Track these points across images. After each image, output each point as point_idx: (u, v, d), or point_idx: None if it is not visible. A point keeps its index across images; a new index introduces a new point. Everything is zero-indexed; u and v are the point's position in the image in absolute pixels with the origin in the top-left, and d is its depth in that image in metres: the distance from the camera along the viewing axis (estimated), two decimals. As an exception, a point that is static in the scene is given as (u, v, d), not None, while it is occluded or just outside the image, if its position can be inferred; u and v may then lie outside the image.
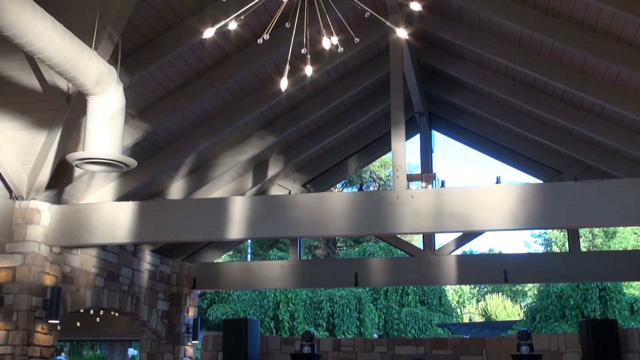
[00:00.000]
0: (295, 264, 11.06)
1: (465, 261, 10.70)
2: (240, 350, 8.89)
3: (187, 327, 11.33)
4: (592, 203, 6.95)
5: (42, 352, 7.91)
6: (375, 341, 10.31)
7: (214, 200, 8.18)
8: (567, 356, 9.03)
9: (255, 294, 20.50)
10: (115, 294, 9.62)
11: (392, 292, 22.78)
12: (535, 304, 20.10)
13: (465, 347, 9.68)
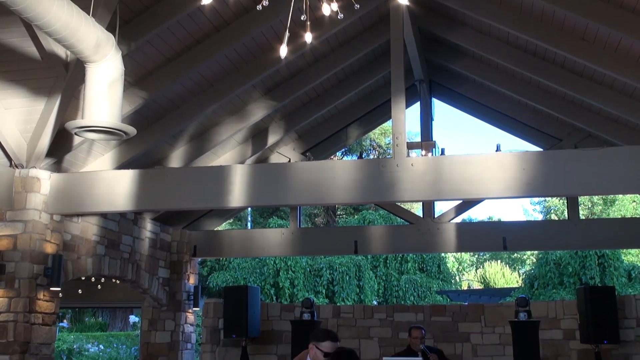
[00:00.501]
0: (295, 232, 11.10)
1: (465, 229, 10.74)
2: (240, 317, 8.96)
3: (187, 295, 11.41)
4: (592, 171, 6.95)
5: (44, 319, 7.98)
6: (375, 308, 10.39)
7: (214, 169, 8.18)
8: (565, 322, 9.11)
9: (256, 261, 20.61)
10: (116, 262, 9.66)
11: (392, 259, 22.90)
12: (534, 271, 20.23)
13: (464, 314, 9.75)
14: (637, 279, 18.92)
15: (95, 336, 21.33)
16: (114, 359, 19.14)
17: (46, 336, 8.00)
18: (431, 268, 23.80)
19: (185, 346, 11.31)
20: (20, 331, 7.61)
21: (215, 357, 9.40)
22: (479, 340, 9.55)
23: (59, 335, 19.40)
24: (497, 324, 9.50)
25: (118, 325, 24.97)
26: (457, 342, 9.56)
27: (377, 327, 9.85)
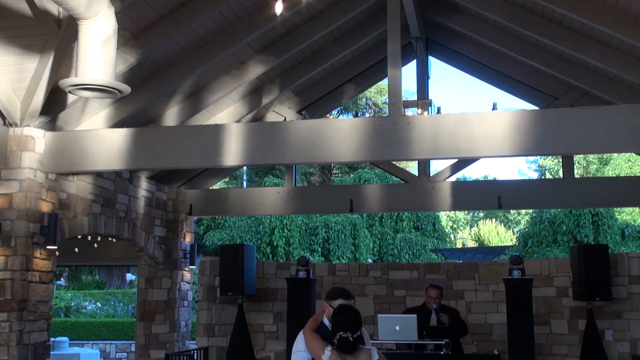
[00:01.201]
0: (290, 191, 11.11)
1: (460, 187, 10.76)
2: (236, 274, 9.02)
3: (184, 253, 11.48)
4: (588, 129, 6.94)
5: (42, 277, 8.02)
6: (370, 266, 10.46)
7: (209, 127, 8.14)
8: (558, 280, 9.19)
9: (251, 220, 20.69)
10: (112, 220, 9.68)
11: (387, 218, 23.00)
12: (528, 229, 20.37)
13: (458, 272, 9.83)
14: (630, 237, 19.09)
15: (93, 294, 21.51)
16: (111, 316, 19.32)
17: (43, 294, 8.05)
18: (426, 226, 23.93)
19: (182, 304, 11.42)
20: (18, 289, 7.66)
21: (211, 314, 9.49)
22: (473, 297, 9.65)
23: (56, 293, 19.56)
24: (491, 282, 9.58)
25: (115, 283, 25.15)
26: (451, 300, 9.65)
27: (372, 285, 9.93)
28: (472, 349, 9.26)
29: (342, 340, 4.15)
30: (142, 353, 11.23)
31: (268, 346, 9.68)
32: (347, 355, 4.16)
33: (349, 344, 4.15)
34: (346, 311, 4.27)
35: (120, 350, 16.22)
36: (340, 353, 4.16)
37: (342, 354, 4.16)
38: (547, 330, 9.11)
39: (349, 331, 4.15)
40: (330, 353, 4.21)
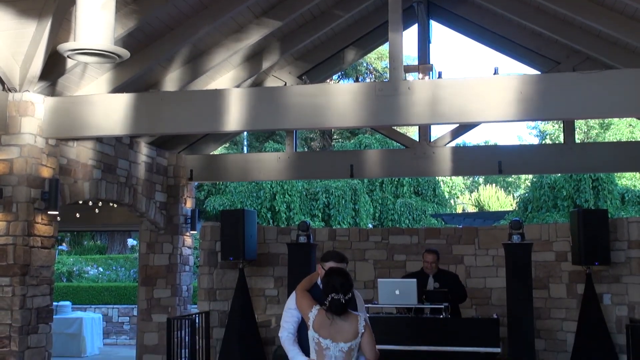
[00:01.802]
0: (291, 156, 11.10)
1: (460, 153, 10.75)
2: (237, 239, 9.05)
3: (185, 218, 11.51)
4: (590, 94, 6.91)
5: (43, 242, 8.06)
6: (370, 231, 10.50)
7: (210, 92, 8.10)
8: (557, 245, 9.23)
9: (252, 185, 20.70)
10: (112, 186, 9.69)
11: (387, 183, 23.02)
12: (528, 194, 20.41)
13: (458, 237, 9.87)
14: (630, 202, 19.13)
15: (94, 259, 21.63)
16: (113, 280, 19.45)
17: (46, 259, 8.10)
18: (426, 192, 23.97)
19: (183, 268, 11.49)
20: (20, 254, 7.70)
21: (212, 279, 9.56)
22: (473, 262, 9.70)
23: (58, 258, 19.67)
24: (490, 247, 9.63)
25: (116, 248, 25.28)
26: (451, 264, 9.71)
27: (372, 250, 9.98)
28: (471, 313, 9.34)
29: (333, 301, 4.23)
30: (144, 317, 11.33)
31: (269, 310, 9.77)
32: (336, 316, 4.22)
33: (340, 305, 4.23)
34: (337, 274, 4.35)
35: (123, 314, 16.37)
36: (330, 314, 4.23)
37: (331, 315, 4.23)
38: (546, 294, 9.18)
39: (341, 293, 4.23)
40: (317, 312, 4.30)
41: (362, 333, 4.26)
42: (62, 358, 12.22)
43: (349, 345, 4.23)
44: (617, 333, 8.28)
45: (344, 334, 4.23)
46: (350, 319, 4.27)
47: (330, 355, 4.24)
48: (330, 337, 4.24)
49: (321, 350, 4.27)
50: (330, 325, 4.24)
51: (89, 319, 13.99)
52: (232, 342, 8.83)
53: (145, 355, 11.24)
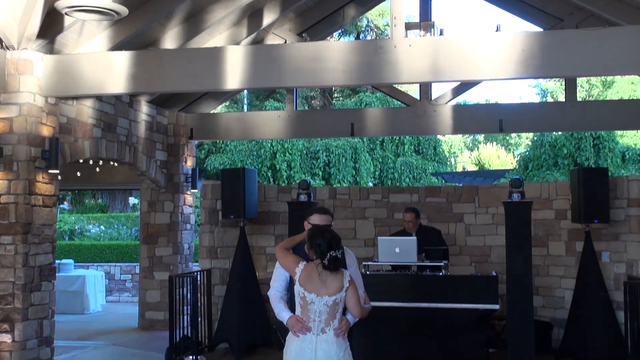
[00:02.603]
0: (291, 115, 11.07)
1: (461, 111, 10.70)
2: (238, 198, 9.07)
3: (185, 177, 11.53)
4: (592, 51, 6.85)
5: (45, 201, 8.08)
6: (370, 189, 10.51)
7: (209, 50, 8.04)
8: (557, 203, 9.25)
9: (252, 144, 20.67)
10: (113, 145, 9.69)
11: (388, 141, 22.98)
12: (529, 153, 20.39)
13: (458, 195, 9.89)
14: (630, 160, 19.13)
15: (96, 217, 21.72)
16: (114, 239, 19.56)
17: (47, 217, 8.13)
18: (427, 150, 23.94)
19: (185, 227, 11.55)
20: (22, 212, 7.73)
21: (214, 237, 9.60)
22: (473, 220, 9.74)
23: (60, 217, 19.75)
24: (490, 205, 9.65)
25: (118, 207, 25.37)
26: (450, 222, 9.75)
27: (372, 208, 10.01)
28: (470, 271, 9.41)
29: (332, 258, 4.28)
30: (146, 275, 11.44)
31: (269, 267, 9.84)
32: (327, 272, 4.29)
33: (340, 261, 4.30)
34: (327, 231, 4.38)
35: (125, 272, 16.49)
36: (325, 270, 4.29)
37: (325, 272, 4.29)
38: (545, 252, 9.23)
39: (338, 250, 4.29)
40: (304, 267, 4.36)
41: (347, 287, 4.30)
42: (65, 315, 12.35)
43: (334, 299, 4.28)
44: (614, 290, 8.35)
45: (329, 288, 4.28)
46: (337, 273, 4.32)
47: (315, 310, 4.29)
48: (315, 291, 4.29)
49: (306, 304, 4.32)
50: (317, 279, 4.29)
51: (92, 276, 14.10)
52: (233, 299, 8.92)
53: (148, 312, 11.38)
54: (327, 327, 4.30)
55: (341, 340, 4.32)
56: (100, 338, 10.62)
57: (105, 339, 10.51)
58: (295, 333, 4.36)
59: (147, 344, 10.09)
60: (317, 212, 4.73)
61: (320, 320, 4.30)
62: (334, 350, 4.27)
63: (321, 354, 4.27)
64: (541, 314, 9.08)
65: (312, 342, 4.30)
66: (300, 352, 4.32)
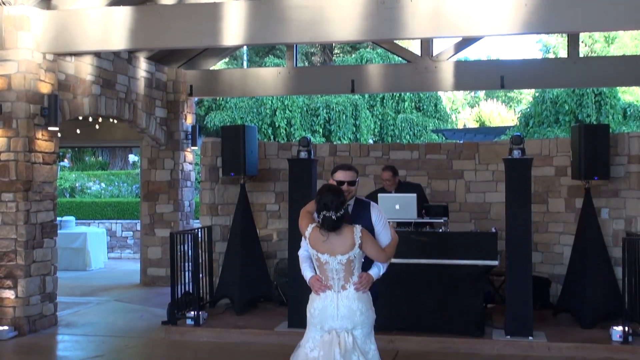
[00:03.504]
0: (291, 71, 11.00)
1: (463, 67, 10.63)
2: (238, 155, 9.07)
3: (185, 134, 11.52)
4: (596, 6, 6.77)
5: (45, 158, 8.09)
6: (371, 146, 10.50)
7: (209, 5, 7.95)
8: (557, 160, 9.25)
9: (252, 101, 20.60)
10: (112, 101, 9.65)
11: (389, 98, 22.90)
12: (530, 109, 20.33)
13: (458, 152, 9.88)
14: (632, 117, 19.08)
15: (97, 175, 21.76)
16: (115, 196, 19.63)
17: (48, 175, 8.15)
18: (427, 107, 23.87)
19: (185, 184, 11.58)
20: (22, 170, 7.74)
21: (214, 194, 9.62)
22: (473, 177, 9.75)
23: (60, 174, 19.79)
24: (490, 162, 9.65)
25: (118, 164, 25.40)
26: (450, 179, 9.77)
27: (372, 165, 10.01)
28: (470, 227, 9.46)
29: (325, 219, 4.31)
30: (147, 232, 11.50)
31: (270, 225, 9.89)
32: (330, 232, 4.31)
33: (332, 222, 4.30)
34: (328, 190, 4.41)
35: (126, 229, 16.60)
36: (324, 231, 4.33)
37: (325, 232, 4.33)
38: (544, 208, 9.26)
39: (332, 210, 4.30)
40: (312, 229, 4.41)
41: (360, 243, 4.32)
42: (67, 272, 12.47)
43: (347, 257, 4.32)
44: (613, 246, 8.39)
45: (340, 247, 4.33)
46: (344, 232, 4.34)
47: (331, 269, 4.36)
48: (327, 251, 4.34)
49: (322, 265, 4.39)
50: (325, 241, 4.33)
51: (93, 233, 14.19)
52: (234, 255, 8.98)
53: (150, 268, 11.48)
54: (347, 284, 4.37)
55: (362, 295, 4.40)
56: (102, 294, 10.74)
57: (107, 295, 10.63)
58: (317, 292, 4.43)
59: (149, 299, 10.20)
60: (340, 169, 4.73)
61: (338, 278, 4.37)
62: (355, 305, 4.36)
63: (343, 310, 4.35)
64: (539, 270, 9.16)
65: (333, 299, 4.38)
66: (323, 309, 4.40)
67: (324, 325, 4.38)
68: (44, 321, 8.15)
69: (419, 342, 7.36)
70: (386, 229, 4.62)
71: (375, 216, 4.63)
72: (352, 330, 4.35)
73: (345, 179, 4.65)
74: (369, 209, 4.65)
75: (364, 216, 4.61)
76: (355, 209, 4.71)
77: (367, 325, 4.41)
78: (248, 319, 8.42)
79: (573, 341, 7.27)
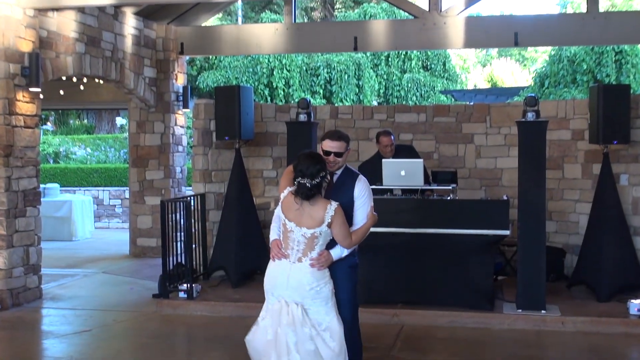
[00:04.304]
0: (290, 28, 10.92)
1: (474, 23, 10.55)
2: (233, 118, 9.04)
3: (176, 95, 11.48)
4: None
5: (26, 121, 8.07)
6: (375, 108, 10.47)
7: (199, -44, 7.88)
8: (574, 122, 9.21)
9: (248, 60, 20.50)
10: (97, 60, 9.60)
11: (394, 57, 22.78)
12: (545, 69, 20.22)
13: (468, 114, 9.85)
14: (655, 77, 18.97)
15: (82, 139, 21.73)
16: (102, 162, 19.63)
17: (30, 139, 8.14)
18: (435, 66, 23.76)
19: (176, 149, 11.58)
20: (2, 134, 7.73)
21: (207, 160, 9.62)
22: (483, 141, 9.73)
23: (43, 139, 19.77)
24: (503, 125, 9.63)
25: (105, 128, 25.36)
26: (460, 144, 9.75)
27: (376, 128, 9.96)
28: (480, 195, 9.47)
29: (300, 185, 4.38)
30: (136, 200, 11.54)
31: (267, 192, 9.90)
32: (305, 201, 4.38)
33: (306, 189, 4.36)
34: (305, 157, 4.46)
35: (114, 196, 16.63)
36: (298, 198, 4.40)
37: (299, 200, 4.39)
38: (560, 174, 9.26)
39: (307, 177, 4.35)
40: (287, 194, 4.49)
41: (330, 222, 4.37)
42: (52, 242, 12.52)
43: (312, 232, 4.39)
44: (632, 215, 8.41)
45: (309, 220, 4.39)
46: (318, 204, 4.40)
47: (294, 239, 4.44)
48: (295, 220, 4.42)
49: (286, 232, 4.48)
50: (297, 209, 4.40)
51: (79, 201, 14.22)
52: (229, 225, 9.01)
53: (139, 238, 11.53)
54: (304, 258, 4.45)
55: (317, 272, 4.45)
56: (89, 266, 10.80)
57: (95, 267, 10.69)
58: (272, 257, 4.54)
59: (139, 271, 10.27)
60: (329, 138, 4.68)
61: (298, 250, 4.46)
62: (306, 279, 4.42)
63: (293, 282, 4.43)
64: (553, 240, 9.19)
65: (285, 269, 4.47)
66: (274, 277, 4.52)
67: (274, 292, 4.51)
68: (28, 294, 8.21)
69: (425, 316, 7.41)
70: (365, 208, 4.63)
71: (359, 191, 4.64)
72: (302, 302, 4.42)
73: (332, 150, 4.64)
74: (355, 182, 4.65)
75: (348, 187, 4.64)
76: (342, 177, 4.74)
77: (320, 299, 4.45)
78: (244, 291, 8.47)
79: (588, 315, 7.32)
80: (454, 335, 7.05)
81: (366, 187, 4.69)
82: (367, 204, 4.64)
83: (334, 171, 4.69)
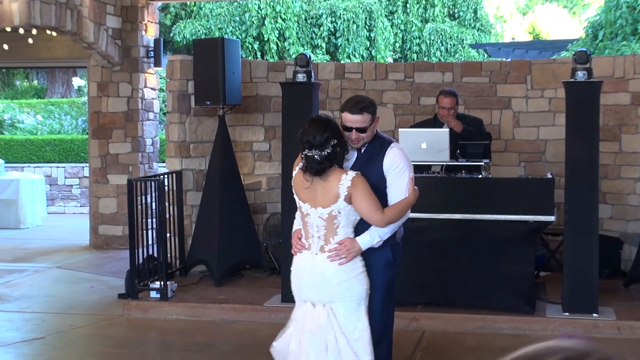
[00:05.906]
0: (285, -34, 10.88)
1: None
2: (215, 77, 9.01)
3: (146, 50, 11.45)
4: None
5: (-38, 83, 8.06)
6: (390, 66, 10.45)
7: None
8: (635, 84, 9.19)
9: (234, 7, 20.45)
10: (49, 7, 9.56)
11: (413, 3, 22.72)
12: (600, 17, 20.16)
13: (504, 73, 9.83)
14: None
15: (31, 104, 21.71)
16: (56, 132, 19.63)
17: (-33, 104, 8.13)
18: (465, 14, 23.71)
19: (146, 116, 11.57)
20: None
21: (185, 129, 9.62)
22: (523, 106, 9.71)
23: (-17, 104, 19.77)
24: (547, 86, 9.61)
25: (59, 91, 25.33)
26: (494, 109, 9.73)
27: (392, 91, 9.98)
28: (519, 172, 9.47)
29: (307, 159, 4.31)
30: (98, 178, 11.54)
31: (258, 169, 9.91)
32: (315, 177, 4.32)
33: (317, 163, 4.28)
34: (310, 124, 4.35)
35: (71, 175, 16.64)
36: (308, 175, 4.34)
37: (309, 177, 4.33)
38: (617, 147, 9.25)
39: (315, 148, 4.27)
40: (297, 172, 4.47)
41: (347, 195, 4.28)
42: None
43: (329, 212, 4.32)
44: None
45: (322, 197, 4.33)
46: (330, 178, 4.32)
47: (312, 224, 4.39)
48: (309, 200, 4.37)
49: (304, 217, 4.46)
50: (308, 187, 4.35)
51: (28, 181, 14.25)
52: (212, 209, 9.02)
53: (102, 226, 11.55)
54: (327, 246, 4.38)
55: (343, 265, 4.36)
56: (41, 259, 10.84)
57: (48, 261, 10.73)
58: (293, 251, 4.52)
59: (102, 266, 10.30)
60: (348, 110, 4.55)
61: (319, 237, 4.39)
62: (330, 272, 4.35)
63: (317, 278, 4.37)
64: (608, 228, 9.20)
65: (307, 263, 4.43)
66: (297, 274, 4.50)
67: (300, 294, 4.47)
68: (-33, 294, 8.24)
69: (450, 321, 7.44)
70: (401, 181, 4.53)
71: (390, 162, 4.54)
72: (330, 303, 4.33)
73: (354, 125, 4.51)
74: (384, 152, 4.55)
75: (377, 160, 4.55)
76: (370, 149, 4.63)
77: (351, 298, 4.35)
78: (229, 290, 8.51)
79: (650, 319, 7.35)
80: (485, 343, 7.07)
81: (400, 156, 4.58)
82: (403, 176, 4.53)
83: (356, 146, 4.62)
